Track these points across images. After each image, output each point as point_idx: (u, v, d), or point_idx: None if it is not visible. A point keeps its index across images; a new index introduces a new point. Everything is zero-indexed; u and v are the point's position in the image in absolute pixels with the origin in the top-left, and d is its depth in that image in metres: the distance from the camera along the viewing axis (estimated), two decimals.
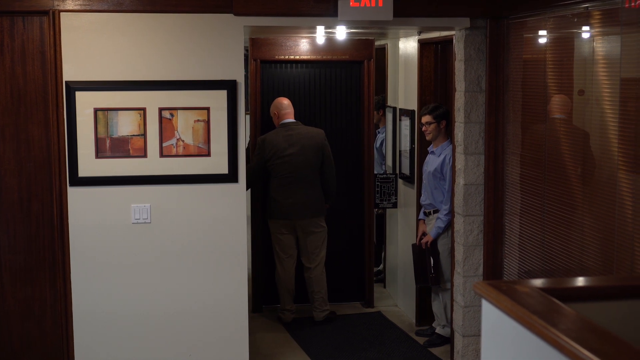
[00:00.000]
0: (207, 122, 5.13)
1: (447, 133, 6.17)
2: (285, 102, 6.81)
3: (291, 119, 6.76)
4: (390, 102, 7.53)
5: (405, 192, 7.07)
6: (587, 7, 4.26)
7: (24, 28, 4.96)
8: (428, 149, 6.37)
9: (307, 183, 6.66)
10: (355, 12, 4.98)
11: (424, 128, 6.24)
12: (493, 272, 5.43)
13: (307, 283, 6.90)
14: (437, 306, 6.35)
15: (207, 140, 5.14)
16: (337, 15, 5.03)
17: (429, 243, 6.20)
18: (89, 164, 5.04)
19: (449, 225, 6.00)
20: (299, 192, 6.64)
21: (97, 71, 5.02)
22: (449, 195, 5.95)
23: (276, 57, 7.08)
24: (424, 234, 6.31)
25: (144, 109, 5.07)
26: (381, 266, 8.06)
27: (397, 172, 7.27)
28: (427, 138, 6.28)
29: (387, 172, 7.47)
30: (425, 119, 6.21)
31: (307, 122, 7.00)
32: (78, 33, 4.99)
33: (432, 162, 6.23)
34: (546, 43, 4.82)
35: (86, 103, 5.01)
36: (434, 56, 6.52)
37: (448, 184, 6.02)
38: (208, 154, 5.16)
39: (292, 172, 6.63)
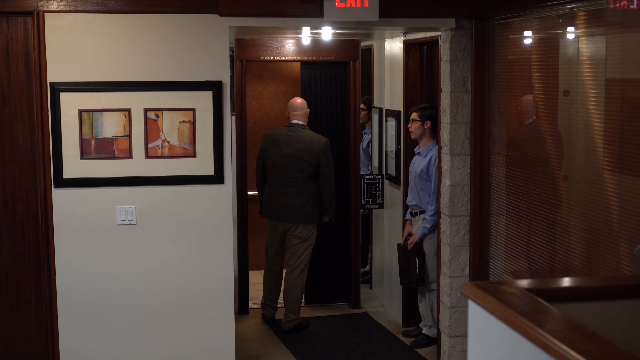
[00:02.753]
0: (193, 123, 5.11)
1: (434, 134, 6.17)
2: (297, 104, 6.72)
3: (298, 121, 6.66)
4: (376, 103, 7.53)
5: (392, 193, 7.08)
6: (572, 8, 4.27)
7: (7, 29, 4.93)
8: (414, 149, 6.37)
9: (295, 188, 6.56)
10: (341, 13, 4.98)
11: (409, 125, 6.25)
12: (479, 272, 5.44)
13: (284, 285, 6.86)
14: (423, 307, 6.36)
15: (193, 141, 5.13)
16: (323, 16, 5.03)
17: (414, 243, 6.21)
18: (73, 165, 5.01)
19: (435, 226, 6.00)
20: (287, 196, 6.58)
21: (81, 72, 4.99)
22: (435, 195, 5.96)
23: (262, 57, 7.07)
24: (410, 234, 6.32)
25: (129, 110, 5.04)
26: (367, 267, 8.06)
27: (383, 172, 7.27)
28: (412, 137, 6.29)
29: (374, 173, 7.47)
30: (413, 115, 6.21)
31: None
32: (62, 34, 4.96)
33: (418, 163, 6.23)
34: (531, 44, 4.83)
35: (71, 104, 4.98)
36: (420, 57, 6.52)
37: (434, 185, 6.02)
38: (194, 155, 5.14)
39: (282, 173, 6.59)
